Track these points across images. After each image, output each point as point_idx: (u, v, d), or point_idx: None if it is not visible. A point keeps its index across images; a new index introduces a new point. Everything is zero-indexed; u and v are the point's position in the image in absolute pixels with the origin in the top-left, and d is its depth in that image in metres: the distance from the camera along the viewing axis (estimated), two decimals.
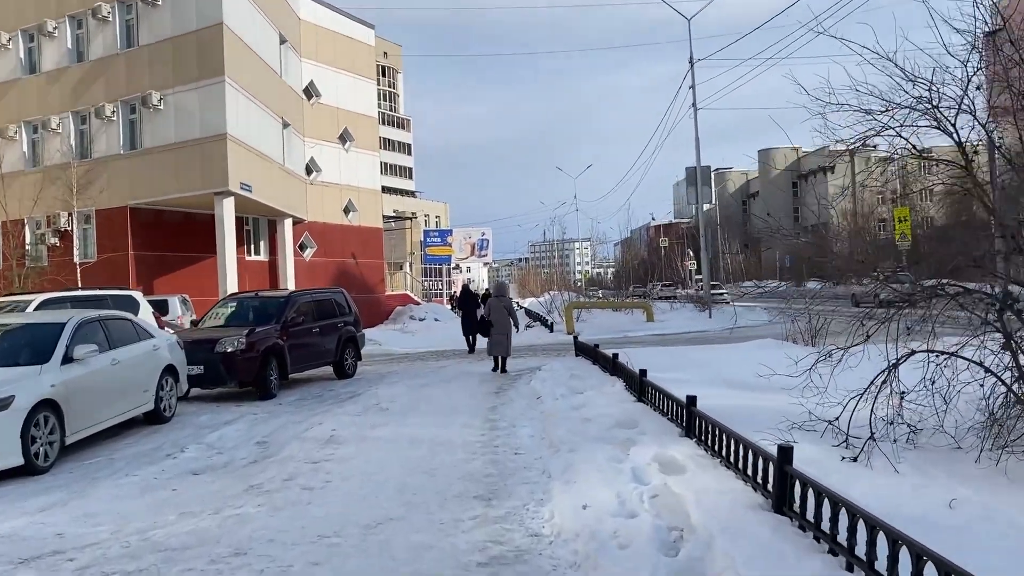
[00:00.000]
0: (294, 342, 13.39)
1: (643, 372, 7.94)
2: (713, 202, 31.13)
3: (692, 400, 6.05)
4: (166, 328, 14.89)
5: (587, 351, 12.69)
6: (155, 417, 10.26)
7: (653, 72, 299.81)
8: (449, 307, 42.10)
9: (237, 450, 8.47)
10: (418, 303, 41.40)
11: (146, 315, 14.53)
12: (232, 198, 25.57)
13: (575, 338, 13.93)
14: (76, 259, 26.55)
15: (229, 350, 12.12)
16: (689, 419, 6.09)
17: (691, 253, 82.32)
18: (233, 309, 14.01)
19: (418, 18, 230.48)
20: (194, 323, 13.94)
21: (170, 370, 10.62)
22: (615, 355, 9.88)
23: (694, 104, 29.47)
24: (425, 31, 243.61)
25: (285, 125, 30.70)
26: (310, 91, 34.24)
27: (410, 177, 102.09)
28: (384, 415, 9.93)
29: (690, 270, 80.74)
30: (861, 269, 6.62)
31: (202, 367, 12.06)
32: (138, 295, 14.78)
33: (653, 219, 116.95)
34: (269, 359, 12.56)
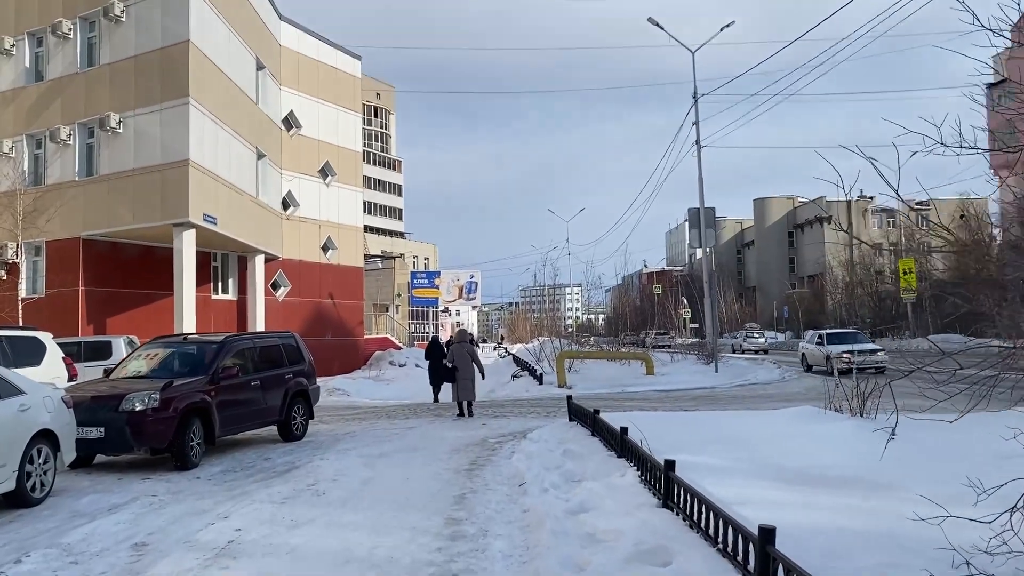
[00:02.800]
0: (226, 398, 10.95)
1: (670, 464, 5.56)
2: (715, 244, 28.91)
3: (769, 535, 3.66)
4: (76, 377, 12.48)
5: (584, 416, 10.29)
6: (19, 499, 7.80)
7: (644, 123, 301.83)
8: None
9: (99, 559, 6.04)
10: (399, 347, 38.92)
11: (53, 361, 12.15)
12: (193, 231, 23.29)
13: (569, 399, 11.53)
14: (22, 293, 24.11)
15: (138, 408, 9.68)
16: (764, 565, 3.69)
17: (684, 301, 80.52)
18: (154, 356, 11.57)
19: (411, 67, 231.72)
20: (107, 372, 11.53)
21: (45, 436, 8.17)
22: (624, 430, 7.48)
23: (697, 141, 27.47)
24: (419, 79, 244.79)
25: (260, 155, 28.59)
26: (290, 121, 32.22)
27: (400, 218, 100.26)
28: (315, 504, 7.49)
29: (684, 318, 78.84)
30: None
31: (103, 429, 9.61)
32: (45, 337, 12.39)
33: (645, 266, 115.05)
34: (190, 420, 10.11)
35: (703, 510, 4.79)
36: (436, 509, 7.05)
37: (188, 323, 23.08)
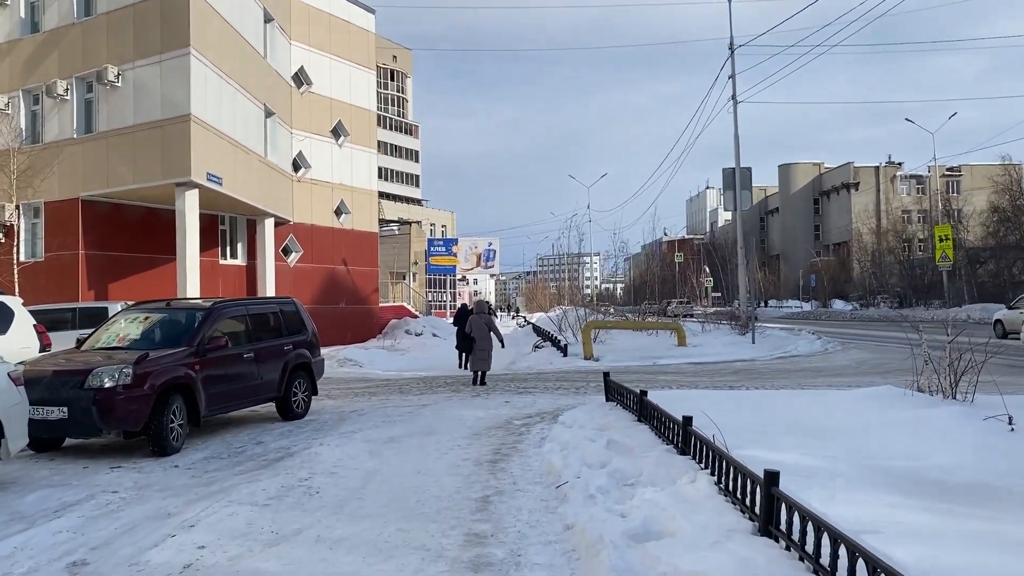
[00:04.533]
0: (214, 373, 9.55)
1: (772, 477, 4.06)
2: (749, 207, 26.97)
3: None
4: (50, 347, 11.15)
5: (625, 396, 8.80)
6: None
7: (664, 91, 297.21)
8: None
9: None
10: (415, 316, 37.58)
11: (22, 330, 10.82)
12: (196, 191, 21.87)
13: (606, 376, 10.02)
14: (21, 257, 22.90)
15: (107, 385, 8.29)
16: None
17: (707, 270, 78.76)
18: (133, 325, 10.17)
19: (428, 32, 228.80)
20: (80, 342, 10.16)
21: None
22: (687, 420, 5.98)
23: (734, 96, 25.65)
24: (436, 43, 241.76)
25: (269, 113, 27.06)
26: (300, 78, 30.61)
27: (417, 185, 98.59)
28: (305, 508, 6.07)
29: (706, 287, 77.07)
30: None
31: (66, 409, 8.26)
32: (13, 302, 11.06)
33: (666, 234, 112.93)
34: (170, 398, 8.72)
35: (838, 551, 3.31)
36: (453, 518, 5.60)
37: (192, 288, 21.79)
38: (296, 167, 30.26)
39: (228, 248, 27.91)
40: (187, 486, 7.10)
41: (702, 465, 5.45)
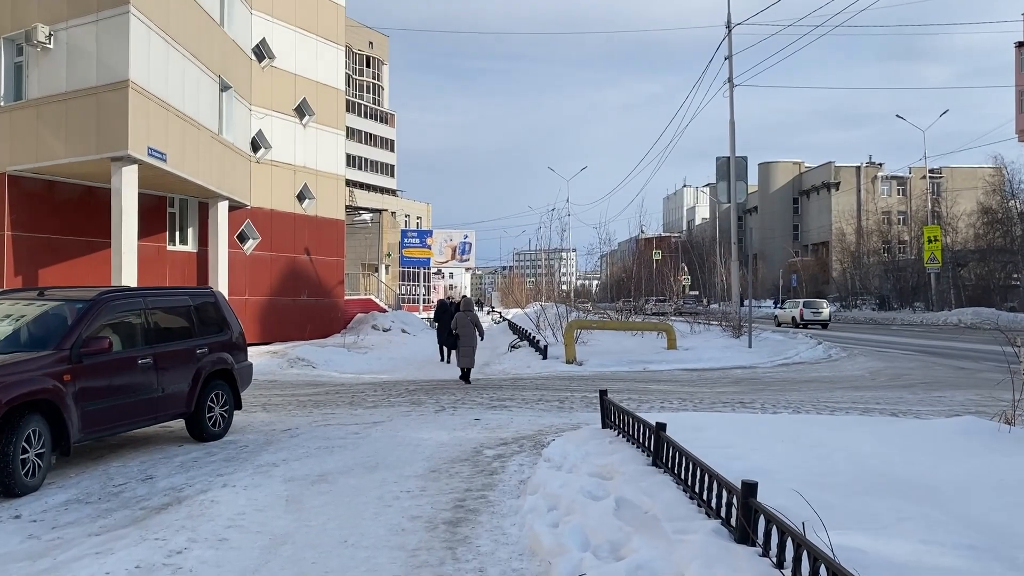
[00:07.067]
0: (94, 384, 7.28)
1: None
2: (746, 196, 25.17)
3: None
4: None
5: (630, 424, 6.67)
6: None
7: (639, 90, 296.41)
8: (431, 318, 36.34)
9: None
10: (384, 310, 35.28)
11: None
12: (136, 167, 19.47)
13: (603, 395, 7.84)
14: None
15: None
16: None
17: (684, 268, 77.23)
18: None
19: (406, 23, 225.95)
20: None
21: None
22: (749, 489, 3.86)
23: (730, 79, 23.63)
24: (418, 48, 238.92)
25: (225, 87, 24.66)
26: (262, 51, 28.18)
27: (392, 174, 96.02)
28: None
29: (683, 285, 75.52)
30: None
31: None
32: None
33: (643, 232, 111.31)
34: (23, 420, 6.47)
35: None
36: None
37: (129, 276, 19.45)
38: (255, 147, 27.87)
39: (177, 233, 25.50)
40: (7, 557, 4.88)
41: (783, 570, 3.35)
